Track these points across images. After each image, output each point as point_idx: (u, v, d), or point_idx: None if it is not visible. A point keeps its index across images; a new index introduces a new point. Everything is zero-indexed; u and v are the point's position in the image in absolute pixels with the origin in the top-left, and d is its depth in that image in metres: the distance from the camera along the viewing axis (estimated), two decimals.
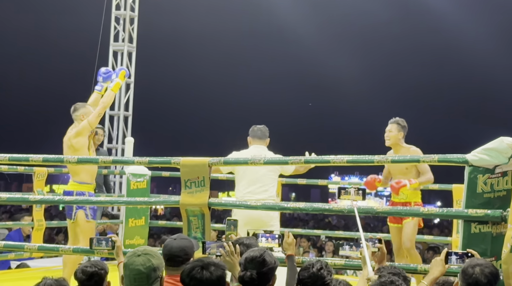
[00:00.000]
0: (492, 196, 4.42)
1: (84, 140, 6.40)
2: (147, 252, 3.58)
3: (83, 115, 6.44)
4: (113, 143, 11.81)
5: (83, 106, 6.54)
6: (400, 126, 6.59)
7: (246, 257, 3.71)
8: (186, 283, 3.52)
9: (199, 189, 5.09)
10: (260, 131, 6.90)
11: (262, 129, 6.93)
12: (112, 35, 11.95)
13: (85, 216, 6.29)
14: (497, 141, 4.40)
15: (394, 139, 6.57)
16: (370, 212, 4.76)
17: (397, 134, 6.56)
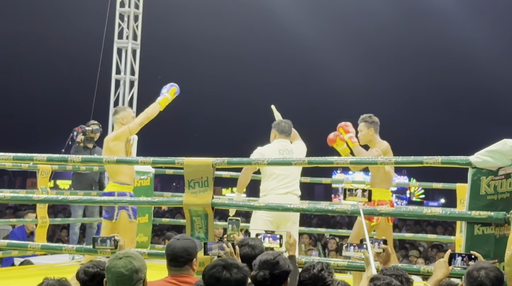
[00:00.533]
0: (495, 198, 4.43)
1: (121, 145, 6.50)
2: (128, 255, 3.57)
3: (123, 118, 6.58)
4: None
5: (123, 110, 6.72)
6: (368, 123, 6.52)
7: (260, 259, 3.72)
8: (205, 279, 3.49)
9: (202, 189, 5.11)
10: (287, 126, 6.84)
11: (290, 125, 6.89)
12: (116, 32, 11.92)
13: (128, 216, 6.38)
14: (500, 143, 4.40)
15: (365, 138, 6.52)
16: (373, 213, 4.76)
17: (367, 131, 6.49)
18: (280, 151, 6.66)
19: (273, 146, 6.70)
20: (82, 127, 9.37)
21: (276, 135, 6.81)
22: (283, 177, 6.49)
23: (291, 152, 6.70)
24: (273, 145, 6.74)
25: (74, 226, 9.37)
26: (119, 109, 6.72)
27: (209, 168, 5.15)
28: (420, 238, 10.29)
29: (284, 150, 6.70)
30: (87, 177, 9.24)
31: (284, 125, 6.83)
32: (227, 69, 33.45)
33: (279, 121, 6.92)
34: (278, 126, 6.85)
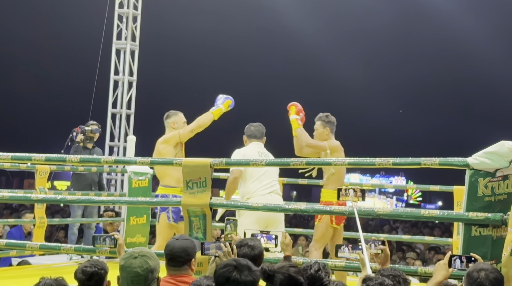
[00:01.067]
0: (492, 200, 4.44)
1: (170, 149, 6.59)
2: (143, 254, 3.58)
3: (174, 122, 6.71)
4: (115, 141, 11.80)
5: (175, 114, 6.80)
6: (325, 122, 6.57)
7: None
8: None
9: (200, 189, 5.12)
10: (258, 131, 6.76)
11: (260, 128, 6.79)
12: (115, 33, 11.92)
13: (167, 218, 6.43)
14: (498, 145, 4.42)
15: (320, 136, 6.56)
16: (371, 214, 4.77)
17: (323, 130, 6.55)
18: (259, 154, 6.60)
19: (252, 148, 6.65)
20: (82, 127, 9.38)
21: (246, 140, 6.77)
22: (264, 178, 6.46)
23: (267, 155, 6.65)
24: (251, 147, 6.68)
25: (73, 226, 9.36)
26: (171, 114, 6.80)
27: (207, 169, 5.16)
28: (418, 240, 10.30)
29: (262, 152, 6.65)
30: (86, 177, 9.24)
31: (253, 130, 6.76)
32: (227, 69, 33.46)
33: (249, 125, 6.82)
34: (248, 130, 6.79)
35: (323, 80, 34.82)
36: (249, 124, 6.79)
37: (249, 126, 6.77)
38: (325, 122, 6.57)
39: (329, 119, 6.59)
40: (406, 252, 12.91)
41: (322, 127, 6.56)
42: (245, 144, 6.73)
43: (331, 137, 6.55)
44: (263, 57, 33.79)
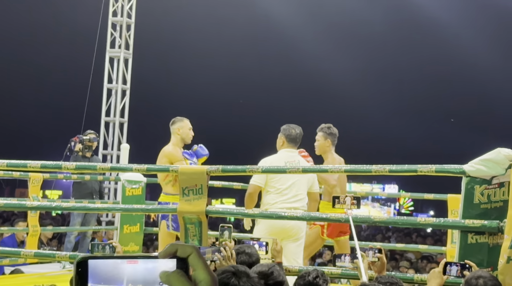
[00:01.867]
0: (489, 207, 4.45)
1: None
2: None
3: (179, 128, 6.70)
4: (108, 150, 11.80)
5: (180, 120, 6.79)
6: (326, 134, 6.54)
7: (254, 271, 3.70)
8: None
9: (196, 196, 5.11)
10: (299, 136, 6.23)
11: (301, 134, 6.26)
12: (108, 41, 11.95)
13: (166, 227, 6.41)
14: (494, 152, 4.42)
15: (321, 148, 6.54)
16: (367, 222, 4.77)
17: (324, 142, 6.52)
18: (286, 164, 6.00)
19: (279, 157, 6.13)
20: (79, 136, 9.39)
21: (284, 143, 6.21)
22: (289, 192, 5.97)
23: (297, 164, 6.04)
24: (279, 155, 6.17)
25: (70, 234, 9.33)
26: (177, 120, 6.79)
27: (204, 176, 5.15)
28: (411, 248, 10.31)
29: (292, 162, 6.05)
30: (87, 186, 9.21)
31: (295, 133, 6.21)
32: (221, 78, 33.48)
33: (289, 126, 6.25)
34: (287, 132, 6.21)
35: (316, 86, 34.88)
36: (288, 125, 6.25)
37: (288, 127, 6.23)
38: (327, 133, 6.54)
39: (331, 131, 6.55)
40: (399, 261, 12.93)
41: (324, 138, 6.53)
42: (280, 146, 6.24)
43: (331, 149, 6.53)
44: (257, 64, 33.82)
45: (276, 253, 4.68)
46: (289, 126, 6.22)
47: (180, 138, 6.70)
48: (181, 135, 6.69)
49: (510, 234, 4.22)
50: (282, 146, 6.20)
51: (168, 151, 6.59)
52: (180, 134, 6.69)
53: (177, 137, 6.70)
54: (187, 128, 6.76)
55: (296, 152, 6.19)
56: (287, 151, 6.15)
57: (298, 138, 6.20)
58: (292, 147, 6.16)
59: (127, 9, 12.00)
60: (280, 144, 6.24)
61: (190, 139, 6.75)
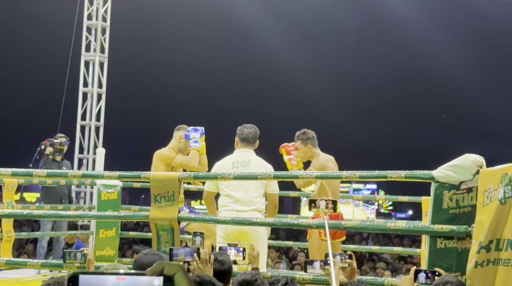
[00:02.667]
0: (457, 212, 4.50)
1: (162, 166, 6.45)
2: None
3: (181, 137, 6.59)
4: (84, 154, 11.76)
5: (185, 129, 6.64)
6: (304, 140, 6.54)
7: (237, 279, 3.73)
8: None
9: (169, 203, 5.12)
10: (250, 134, 6.15)
11: (252, 131, 6.17)
12: (83, 45, 11.90)
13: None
14: (462, 158, 4.48)
15: (305, 155, 6.54)
16: (338, 227, 4.80)
17: (305, 149, 6.53)
18: (234, 164, 6.04)
19: (228, 159, 6.14)
20: (50, 140, 9.35)
21: (237, 143, 6.21)
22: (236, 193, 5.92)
23: (247, 165, 6.03)
24: (228, 157, 6.17)
25: (42, 240, 9.30)
26: (182, 128, 6.68)
27: (175, 183, 5.16)
28: (387, 251, 10.38)
29: (240, 162, 6.05)
30: (56, 190, 9.18)
31: (246, 132, 6.17)
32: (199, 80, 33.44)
33: (242, 126, 6.24)
34: (239, 131, 6.20)
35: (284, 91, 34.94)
36: (242, 126, 6.24)
37: (242, 127, 6.22)
38: (304, 140, 6.53)
39: (307, 136, 6.54)
40: (377, 262, 13.01)
41: (304, 145, 6.52)
42: (236, 147, 6.23)
43: (315, 152, 6.51)
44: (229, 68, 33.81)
45: (252, 259, 4.70)
46: (242, 126, 6.21)
47: (178, 146, 6.63)
48: (181, 144, 6.60)
49: (478, 239, 4.27)
50: (236, 146, 6.21)
51: (161, 154, 6.53)
52: (180, 142, 6.61)
53: (175, 144, 6.63)
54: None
55: (249, 152, 6.11)
56: (239, 151, 6.13)
57: (250, 137, 6.11)
58: (244, 146, 6.12)
59: (102, 13, 11.96)
60: (235, 144, 6.24)
61: (187, 151, 6.65)
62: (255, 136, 6.16)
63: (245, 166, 5.98)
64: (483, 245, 4.24)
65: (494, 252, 4.22)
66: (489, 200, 4.31)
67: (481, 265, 4.24)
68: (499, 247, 4.22)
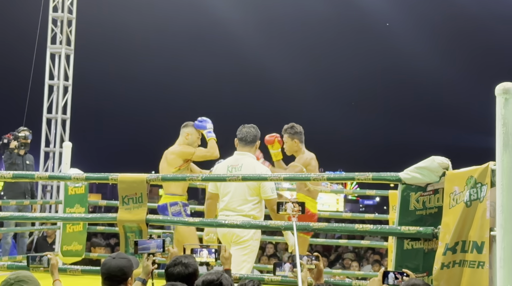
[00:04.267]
0: (424, 213, 4.55)
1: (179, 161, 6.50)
2: (20, 279, 3.54)
3: (189, 134, 6.63)
4: (50, 147, 11.64)
5: (192, 126, 6.68)
6: (291, 134, 6.56)
7: (203, 280, 3.74)
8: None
9: (136, 205, 5.10)
10: (249, 134, 5.94)
11: (250, 131, 5.96)
12: (49, 37, 11.74)
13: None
14: (428, 160, 4.52)
15: (290, 149, 6.58)
16: (306, 229, 4.82)
17: (292, 143, 6.55)
18: (229, 168, 5.83)
19: (225, 162, 5.97)
20: (13, 133, 9.24)
21: (237, 144, 6.00)
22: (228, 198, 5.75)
23: (238, 169, 5.77)
24: (226, 160, 6.00)
25: (7, 235, 9.19)
26: (189, 124, 6.71)
27: (143, 184, 5.14)
28: (354, 244, 10.44)
29: (234, 166, 5.83)
30: (19, 185, 9.08)
31: (244, 131, 5.97)
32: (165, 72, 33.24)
33: (242, 125, 6.04)
34: (239, 134, 5.99)
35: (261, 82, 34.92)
36: (242, 125, 6.02)
37: (241, 127, 6.00)
38: (292, 134, 6.54)
39: (295, 130, 6.55)
40: (344, 253, 13.07)
41: (290, 139, 6.55)
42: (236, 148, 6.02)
43: (301, 147, 6.51)
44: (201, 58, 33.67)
45: (224, 260, 4.70)
46: (241, 126, 6.02)
47: (186, 142, 6.65)
48: (189, 140, 6.63)
49: (444, 241, 4.33)
50: (237, 146, 6.01)
51: (178, 150, 6.56)
52: (188, 139, 6.63)
53: (184, 141, 6.66)
54: (196, 136, 6.69)
55: (245, 155, 5.88)
56: (237, 154, 5.94)
57: (248, 137, 5.90)
58: (242, 147, 5.91)
59: (68, 5, 11.81)
60: (236, 145, 6.01)
61: (195, 146, 6.67)
62: (254, 136, 5.94)
63: (236, 171, 5.73)
64: (449, 247, 4.29)
65: (460, 253, 4.29)
66: (455, 202, 4.36)
67: (447, 267, 4.30)
68: (464, 249, 4.28)
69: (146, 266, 4.35)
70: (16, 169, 8.82)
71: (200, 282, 3.75)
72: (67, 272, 4.93)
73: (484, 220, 4.16)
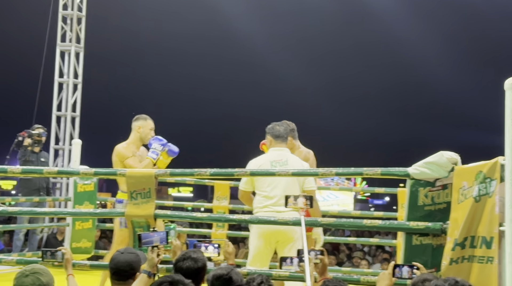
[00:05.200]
0: (433, 209, 4.53)
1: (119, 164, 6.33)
2: (35, 271, 3.56)
3: (140, 127, 6.50)
4: (60, 144, 11.67)
5: (144, 119, 6.56)
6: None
7: (213, 274, 3.74)
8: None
9: (145, 200, 5.10)
10: (282, 130, 5.88)
11: (284, 127, 5.93)
12: (59, 35, 11.78)
13: (119, 224, 6.25)
14: (437, 155, 4.50)
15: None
16: (314, 224, 4.81)
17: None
18: (272, 164, 5.71)
19: (265, 158, 5.83)
20: (28, 131, 9.30)
21: (271, 142, 5.90)
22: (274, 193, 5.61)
23: (285, 164, 5.72)
24: (265, 156, 5.89)
25: (19, 232, 9.23)
26: (140, 118, 6.57)
27: (152, 179, 5.14)
28: (363, 242, 10.42)
29: (278, 161, 5.75)
30: (34, 182, 9.11)
31: (278, 129, 5.91)
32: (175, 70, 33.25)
33: (273, 124, 5.97)
34: (271, 130, 5.91)
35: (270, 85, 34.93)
36: (273, 124, 5.96)
37: (273, 125, 5.93)
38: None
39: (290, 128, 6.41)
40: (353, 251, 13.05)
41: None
42: (269, 146, 5.92)
43: (295, 144, 6.44)
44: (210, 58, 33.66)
45: (228, 255, 4.70)
46: (273, 124, 5.96)
47: (139, 137, 6.51)
48: (141, 134, 6.49)
49: (452, 236, 4.30)
50: (270, 145, 5.93)
51: (118, 150, 6.39)
52: (140, 132, 6.49)
53: (136, 135, 6.52)
54: (148, 128, 6.53)
55: (284, 150, 5.85)
56: (275, 150, 5.84)
57: (284, 133, 5.88)
58: (279, 144, 5.85)
59: (77, 2, 11.84)
60: (268, 144, 5.96)
61: (148, 139, 6.54)
62: (288, 131, 5.96)
63: (283, 165, 5.68)
64: (458, 242, 4.27)
65: (469, 249, 4.26)
66: (464, 198, 4.34)
67: (456, 262, 4.28)
68: (473, 244, 4.25)
69: (151, 258, 4.35)
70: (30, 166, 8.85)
71: (210, 277, 3.75)
72: (75, 267, 4.93)
73: (493, 215, 4.13)
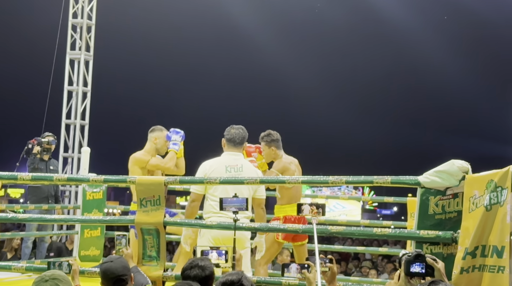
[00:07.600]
0: (443, 218, 4.51)
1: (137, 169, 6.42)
2: (55, 277, 3.56)
3: (156, 138, 6.56)
4: (69, 152, 11.68)
5: (160, 130, 6.62)
6: (268, 142, 6.63)
7: (223, 281, 3.71)
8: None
9: (154, 208, 5.10)
10: (238, 135, 5.81)
11: (239, 132, 5.82)
12: (69, 43, 11.81)
13: (134, 236, 6.26)
14: (448, 164, 4.48)
15: (267, 157, 6.66)
16: (324, 233, 4.79)
17: (269, 151, 6.64)
18: (227, 169, 5.67)
19: (220, 161, 5.74)
20: (38, 139, 9.32)
21: (225, 145, 5.85)
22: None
23: (239, 170, 5.69)
24: (219, 159, 5.78)
25: (27, 240, 9.23)
26: (156, 129, 6.64)
27: (161, 187, 5.14)
28: (372, 251, 10.39)
29: (233, 166, 5.70)
30: (43, 190, 9.11)
31: (233, 133, 5.83)
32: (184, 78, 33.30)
33: (230, 127, 5.89)
34: (228, 134, 5.84)
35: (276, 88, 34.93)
36: (230, 126, 5.88)
37: (229, 128, 5.86)
38: (268, 141, 6.64)
39: (271, 138, 6.63)
40: (362, 261, 13.03)
41: (267, 147, 6.65)
42: (223, 149, 5.86)
43: (278, 154, 6.60)
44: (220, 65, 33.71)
45: (235, 261, 4.69)
46: (230, 127, 5.88)
47: (154, 147, 6.57)
48: (157, 145, 6.56)
49: (463, 245, 4.28)
50: (224, 147, 5.87)
51: (136, 158, 6.45)
52: (155, 143, 6.56)
53: (151, 146, 6.58)
54: (164, 139, 6.60)
55: (239, 155, 5.79)
56: (229, 154, 5.77)
57: (237, 138, 5.78)
58: (232, 148, 5.78)
59: (87, 11, 11.88)
60: (223, 146, 5.88)
61: (164, 151, 6.56)
62: (243, 137, 5.83)
63: (238, 172, 5.64)
64: (468, 251, 4.24)
65: (480, 258, 4.23)
66: (475, 206, 4.32)
67: (467, 271, 4.25)
68: (484, 254, 4.23)
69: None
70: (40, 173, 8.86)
71: (219, 283, 3.73)
72: (84, 274, 4.93)
73: (505, 224, 4.11)
